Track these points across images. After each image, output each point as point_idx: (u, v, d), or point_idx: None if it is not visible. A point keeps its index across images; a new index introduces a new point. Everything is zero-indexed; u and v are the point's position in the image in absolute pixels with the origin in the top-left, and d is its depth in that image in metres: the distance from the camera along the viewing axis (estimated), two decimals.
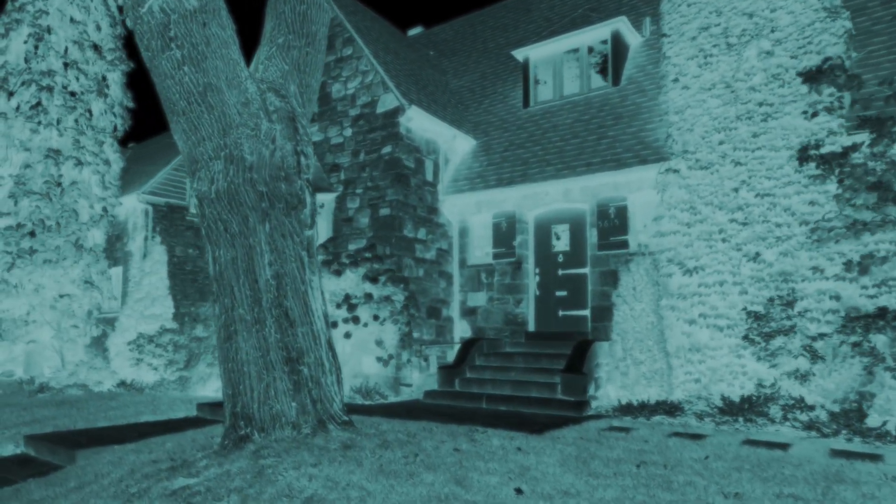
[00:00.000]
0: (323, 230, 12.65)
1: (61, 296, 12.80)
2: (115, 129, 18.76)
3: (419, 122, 11.87)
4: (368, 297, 10.07)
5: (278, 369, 4.95)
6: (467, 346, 11.00)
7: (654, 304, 9.18)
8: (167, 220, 21.74)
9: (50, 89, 16.65)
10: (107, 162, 17.97)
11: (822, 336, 8.00)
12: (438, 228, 12.57)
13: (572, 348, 9.72)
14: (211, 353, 10.60)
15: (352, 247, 11.94)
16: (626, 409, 8.39)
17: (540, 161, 11.71)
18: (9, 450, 7.44)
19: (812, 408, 7.59)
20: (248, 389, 4.91)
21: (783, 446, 6.11)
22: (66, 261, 12.45)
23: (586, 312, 11.27)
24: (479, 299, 12.56)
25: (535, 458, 5.09)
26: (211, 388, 10.81)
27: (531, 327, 11.93)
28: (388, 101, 11.73)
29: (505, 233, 12.23)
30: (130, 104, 19.32)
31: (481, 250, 12.79)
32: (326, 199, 12.40)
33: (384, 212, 11.58)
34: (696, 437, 6.58)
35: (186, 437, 6.71)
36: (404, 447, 5.01)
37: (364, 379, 11.01)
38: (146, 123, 76.56)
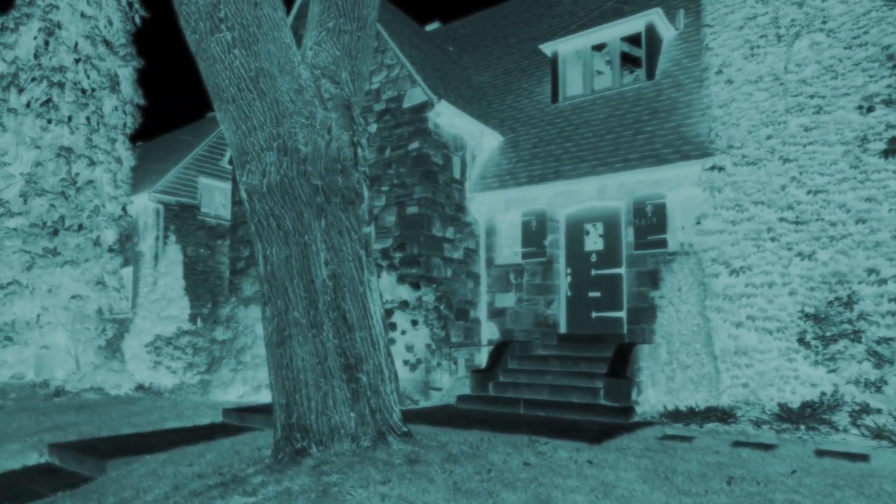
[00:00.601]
0: None
1: (74, 297, 12.43)
2: (126, 126, 18.42)
3: (447, 118, 11.49)
4: (402, 300, 9.69)
5: (337, 377, 4.58)
6: (499, 348, 10.62)
7: (699, 306, 8.80)
8: (178, 219, 21.38)
9: (61, 85, 16.29)
10: (118, 160, 17.60)
11: (886, 340, 7.62)
12: (466, 227, 12.20)
13: (613, 351, 9.34)
14: (234, 357, 10.23)
15: (377, 246, 11.56)
16: (675, 416, 8.02)
17: (573, 157, 11.34)
18: (32, 459, 7.07)
19: (879, 414, 7.21)
20: (304, 399, 4.54)
21: (862, 457, 5.73)
22: (89, 262, 12.08)
23: (621, 314, 10.89)
24: (507, 300, 12.18)
25: (613, 473, 4.71)
26: (234, 392, 10.43)
27: (562, 329, 11.56)
28: (415, 96, 11.36)
29: (535, 232, 11.85)
30: (141, 101, 18.96)
31: (509, 249, 12.41)
32: None
33: (412, 210, 11.20)
34: (764, 447, 6.20)
35: (224, 446, 6.33)
36: (472, 461, 4.63)
37: (404, 382, 10.65)
38: (153, 122, 76.21)
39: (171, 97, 72.21)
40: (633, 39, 12.22)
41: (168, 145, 25.58)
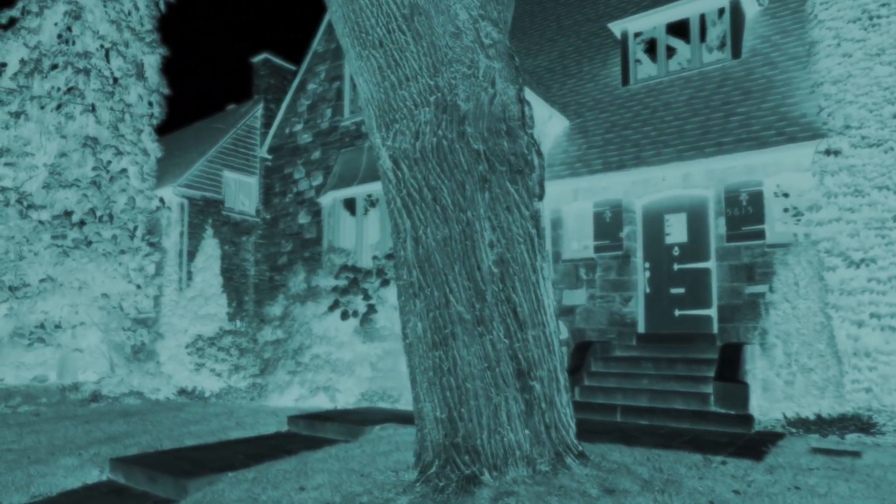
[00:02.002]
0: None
1: (105, 294, 11.57)
2: (152, 116, 17.55)
3: None
4: None
5: (511, 386, 3.70)
6: (581, 350, 9.76)
7: (820, 302, 7.92)
8: (203, 214, 20.48)
9: (87, 72, 15.41)
10: (145, 152, 16.75)
11: None
12: None
13: (719, 353, 8.47)
14: (291, 358, 9.35)
15: None
16: (802, 425, 7.15)
17: (654, 143, 10.46)
18: (93, 476, 6.18)
19: None
20: (473, 413, 3.66)
21: None
22: (125, 255, 11.22)
23: (710, 312, 10.00)
24: (576, 297, 11.30)
25: (839, 501, 3.83)
26: (289, 396, 9.56)
27: (641, 328, 10.67)
28: None
29: (609, 223, 10.97)
30: (166, 91, 18.10)
31: (578, 243, 11.53)
32: None
33: None
34: None
35: (325, 464, 5.45)
36: (674, 489, 3.75)
37: None
38: (168, 114, 75.21)
39: (185, 88, 71.35)
40: (713, 16, 11.35)
41: (189, 138, 24.70)
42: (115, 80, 16.26)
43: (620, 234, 10.83)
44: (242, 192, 22.39)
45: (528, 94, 10.67)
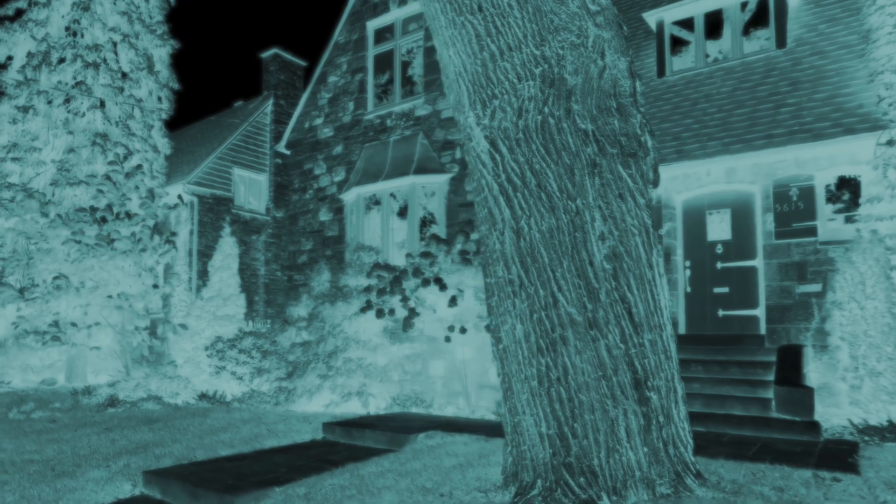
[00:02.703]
0: (435, 218, 10.96)
1: (121, 294, 11.09)
2: (162, 112, 17.08)
3: None
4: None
5: (629, 398, 3.25)
6: None
7: (888, 302, 7.49)
8: (213, 212, 20.00)
9: (96, 66, 14.93)
10: (155, 148, 16.30)
11: None
12: None
13: (777, 356, 8.04)
14: (323, 362, 8.88)
15: (474, 236, 10.25)
16: (875, 432, 6.73)
17: (697, 136, 10.02)
18: (125, 490, 5.71)
19: None
20: (588, 429, 3.21)
21: None
22: (146, 252, 10.74)
23: (757, 312, 9.57)
24: None
25: None
26: (319, 401, 9.09)
27: (682, 329, 10.23)
28: None
29: None
30: (176, 86, 17.63)
31: None
32: (438, 182, 10.71)
33: None
34: None
35: (389, 480, 5.00)
36: None
37: (492, 390, 9.34)
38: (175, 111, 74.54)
39: (189, 85, 70.67)
40: (752, 4, 10.93)
41: (196, 135, 24.21)
42: (125, 74, 15.78)
43: (660, 231, 10.38)
44: (252, 190, 21.92)
45: None
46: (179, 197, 13.02)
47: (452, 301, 7.73)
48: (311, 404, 9.10)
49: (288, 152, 13.46)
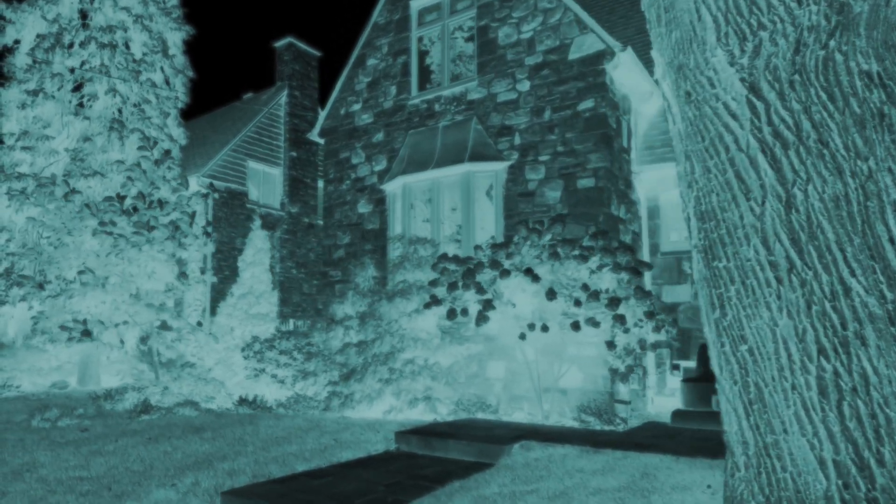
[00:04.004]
0: (488, 210, 10.23)
1: (149, 291, 10.27)
2: (178, 100, 16.20)
3: (623, 73, 9.49)
4: (597, 290, 7.67)
5: None
6: (705, 353, 8.63)
7: None
8: (227, 207, 19.12)
9: (113, 47, 14.03)
10: (171, 137, 15.40)
11: None
12: (633, 206, 10.20)
13: None
14: (384, 364, 8.12)
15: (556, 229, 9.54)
16: None
17: None
18: None
19: None
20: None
21: None
22: (187, 242, 9.92)
23: None
24: (679, 294, 10.19)
25: None
26: (379, 407, 8.33)
27: None
28: (586, 45, 9.33)
29: None
30: (191, 73, 16.74)
31: (677, 234, 10.43)
32: (495, 169, 9.98)
33: (586, 183, 9.17)
34: None
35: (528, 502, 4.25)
36: None
37: (561, 394, 8.65)
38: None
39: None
40: None
41: (205, 126, 23.28)
42: (138, 59, 14.88)
43: None
44: (267, 185, 21.07)
45: (638, 69, 9.53)
46: (211, 185, 12.19)
47: (551, 294, 6.99)
48: (370, 410, 8.34)
49: (321, 141, 12.67)
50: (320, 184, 22.75)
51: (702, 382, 8.07)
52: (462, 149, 10.17)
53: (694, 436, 6.90)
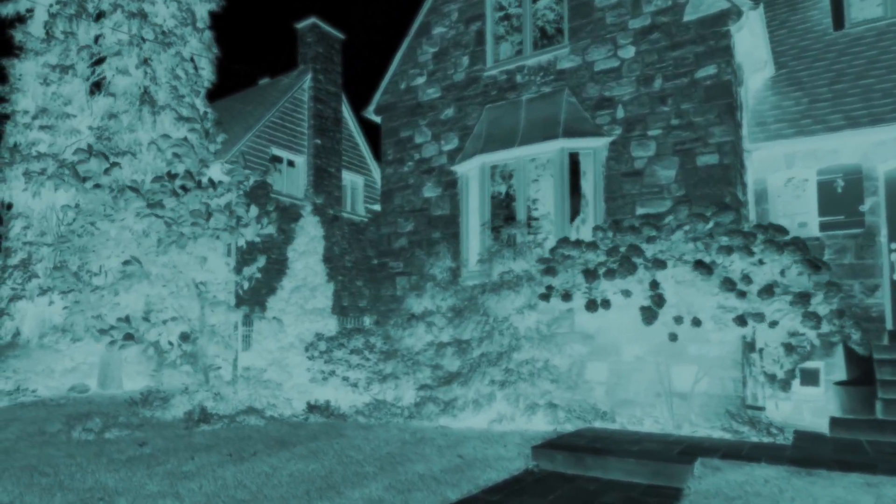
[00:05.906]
0: (580, 192, 9.13)
1: (201, 283, 9.09)
2: (205, 78, 14.95)
3: (745, 35, 8.45)
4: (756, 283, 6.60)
5: None
6: (854, 351, 7.61)
7: None
8: (249, 196, 17.80)
9: (143, 16, 12.76)
10: (203, 117, 14.15)
11: None
12: (745, 189, 9.15)
13: None
14: (496, 366, 6.99)
15: (641, 211, 8.47)
16: None
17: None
18: None
19: None
20: None
21: None
22: (247, 227, 8.75)
23: None
24: None
25: None
26: (485, 415, 7.20)
27: (889, 324, 8.57)
28: (706, 3, 8.26)
29: (841, 194, 8.86)
30: (216, 51, 15.48)
31: (789, 219, 9.39)
32: (594, 146, 8.89)
33: (708, 159, 8.10)
34: None
35: None
36: None
37: (680, 399, 7.58)
38: None
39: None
40: None
41: (223, 111, 21.93)
42: (167, 31, 13.60)
43: (861, 207, 8.72)
44: (290, 174, 19.84)
45: (762, 33, 8.48)
46: (246, 167, 10.95)
47: (728, 284, 5.89)
48: (476, 418, 7.19)
49: (378, 119, 11.50)
50: (344, 174, 21.56)
51: (857, 386, 7.04)
52: (553, 124, 9.07)
53: (882, 450, 5.86)
